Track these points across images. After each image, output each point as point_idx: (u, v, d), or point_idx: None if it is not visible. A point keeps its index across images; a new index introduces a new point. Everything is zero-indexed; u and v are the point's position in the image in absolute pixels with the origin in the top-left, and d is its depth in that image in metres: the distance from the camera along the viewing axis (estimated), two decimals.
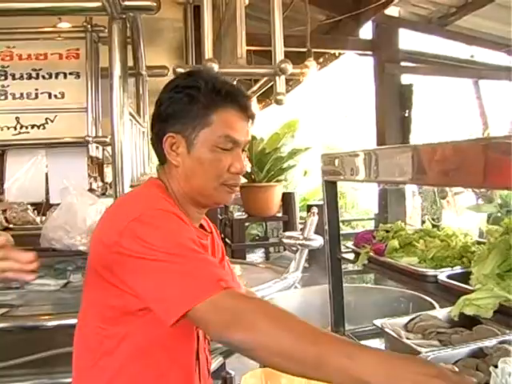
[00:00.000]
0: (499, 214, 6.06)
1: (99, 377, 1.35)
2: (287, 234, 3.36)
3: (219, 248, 1.63)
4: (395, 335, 1.68)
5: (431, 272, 1.38)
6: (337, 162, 1.80)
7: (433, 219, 7.04)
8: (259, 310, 1.15)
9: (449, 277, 1.31)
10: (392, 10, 5.45)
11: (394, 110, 5.60)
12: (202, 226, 1.54)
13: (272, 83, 2.80)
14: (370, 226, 8.07)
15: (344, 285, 1.96)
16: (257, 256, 8.63)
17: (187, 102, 1.39)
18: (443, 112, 13.95)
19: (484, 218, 6.33)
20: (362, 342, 1.79)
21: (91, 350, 1.37)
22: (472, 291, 1.15)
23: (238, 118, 1.43)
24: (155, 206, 1.33)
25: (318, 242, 2.97)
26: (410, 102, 5.67)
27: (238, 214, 6.57)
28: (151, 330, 1.32)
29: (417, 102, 5.79)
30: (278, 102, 2.73)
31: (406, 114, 5.60)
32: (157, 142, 1.45)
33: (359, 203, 12.53)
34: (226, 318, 1.13)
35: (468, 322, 1.65)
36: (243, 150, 1.46)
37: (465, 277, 1.25)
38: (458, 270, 1.38)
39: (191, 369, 1.44)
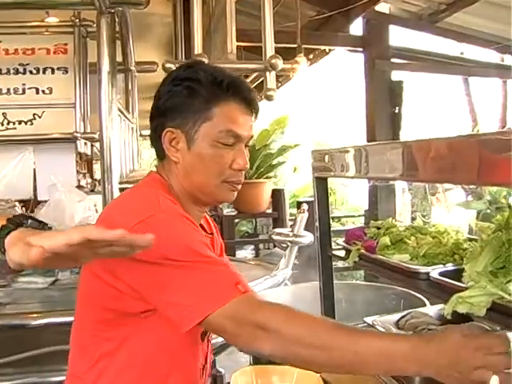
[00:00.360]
0: (488, 211, 6.10)
1: (98, 379, 1.31)
2: (277, 230, 3.35)
3: (219, 247, 1.55)
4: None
5: (423, 269, 1.36)
6: (327, 158, 1.79)
7: (423, 216, 7.05)
8: (282, 316, 1.13)
9: (441, 274, 1.30)
10: (382, 7, 5.44)
11: (384, 106, 5.59)
12: (201, 226, 1.46)
13: (262, 79, 2.79)
14: (360, 222, 8.06)
15: (334, 282, 1.95)
16: (246, 252, 8.60)
17: (187, 95, 1.33)
18: (433, 109, 13.99)
19: (473, 215, 6.36)
20: None
21: (89, 352, 1.32)
22: (464, 288, 1.13)
23: (241, 111, 1.36)
24: (162, 208, 1.26)
25: (308, 238, 2.96)
26: (400, 98, 5.67)
27: (228, 211, 6.55)
28: (154, 333, 1.28)
29: (407, 99, 5.79)
30: (269, 98, 2.71)
31: (396, 111, 5.60)
32: (155, 137, 1.39)
33: (349, 200, 12.54)
34: (249, 328, 1.11)
35: (459, 320, 1.63)
36: (246, 146, 1.40)
37: (457, 274, 1.23)
38: (450, 267, 1.36)
39: (195, 374, 1.40)
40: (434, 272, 1.31)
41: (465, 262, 1.23)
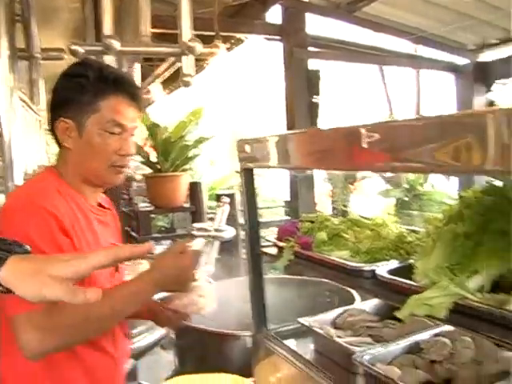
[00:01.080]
0: (406, 199, 6.20)
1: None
2: (197, 225, 3.17)
3: (119, 228, 1.82)
4: (325, 335, 1.54)
5: (367, 267, 1.25)
6: (255, 147, 1.64)
7: (343, 205, 7.09)
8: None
9: (389, 272, 1.19)
10: None
11: (302, 95, 5.55)
12: (101, 205, 1.71)
13: (179, 66, 2.60)
14: (280, 213, 8.03)
15: None
16: (164, 248, 8.40)
17: (77, 90, 1.53)
18: (352, 97, 14.19)
19: (392, 202, 6.46)
20: (286, 342, 1.66)
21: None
22: (417, 287, 1.03)
23: (126, 104, 1.57)
24: (25, 198, 1.46)
25: (229, 233, 2.82)
26: (317, 87, 5.65)
27: (143, 206, 6.31)
28: None
29: (325, 88, 5.77)
30: (186, 84, 2.54)
31: (314, 100, 5.57)
32: (52, 127, 1.58)
33: (263, 191, 12.46)
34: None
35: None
36: (132, 135, 1.61)
37: (405, 271, 1.13)
38: (396, 263, 1.26)
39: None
40: (381, 269, 1.20)
41: (415, 258, 1.12)
